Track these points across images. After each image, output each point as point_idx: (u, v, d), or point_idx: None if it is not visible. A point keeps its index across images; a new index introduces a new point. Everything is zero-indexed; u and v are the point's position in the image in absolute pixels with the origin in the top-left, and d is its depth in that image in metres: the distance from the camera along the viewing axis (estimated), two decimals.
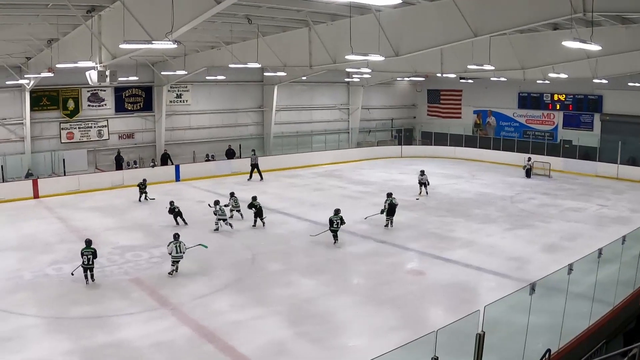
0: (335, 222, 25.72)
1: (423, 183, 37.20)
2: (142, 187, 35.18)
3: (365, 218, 29.47)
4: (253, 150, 45.87)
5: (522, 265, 22.41)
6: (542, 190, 37.77)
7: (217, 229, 28.05)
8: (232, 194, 30.57)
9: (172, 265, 21.97)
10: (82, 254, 20.87)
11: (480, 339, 10.57)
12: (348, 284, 21.40)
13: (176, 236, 22.35)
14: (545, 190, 37.93)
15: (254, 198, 29.41)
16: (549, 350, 12.08)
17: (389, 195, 29.12)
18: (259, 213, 29.12)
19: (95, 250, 21.15)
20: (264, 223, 29.20)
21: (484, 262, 22.73)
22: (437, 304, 19.26)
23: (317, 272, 22.12)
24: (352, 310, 18.42)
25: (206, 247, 23.16)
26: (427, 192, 36.98)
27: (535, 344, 12.33)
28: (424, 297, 19.66)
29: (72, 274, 21.18)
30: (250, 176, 43.46)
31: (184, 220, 29.26)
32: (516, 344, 12.19)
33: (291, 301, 19.23)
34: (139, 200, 34.06)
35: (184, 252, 22.05)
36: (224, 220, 28.19)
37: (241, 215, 30.05)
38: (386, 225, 28.74)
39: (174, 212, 29.22)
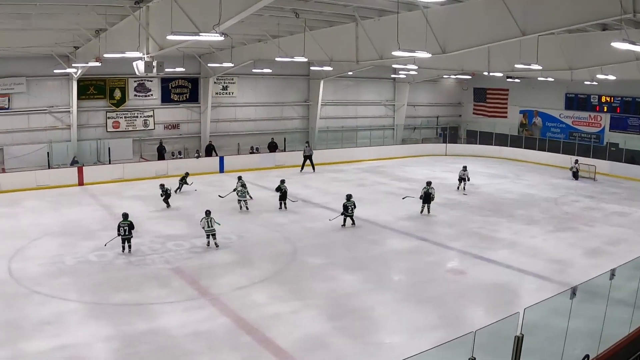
0: (350, 208, 27.75)
1: (463, 179, 37.43)
2: (182, 180, 35.53)
3: (403, 198, 31.74)
4: (307, 142, 46.89)
5: (564, 268, 22.07)
6: (587, 193, 37.24)
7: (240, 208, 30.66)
8: (239, 178, 31.99)
9: (207, 238, 24.33)
10: (119, 227, 22.67)
11: (518, 341, 10.49)
12: (388, 281, 21.34)
13: (207, 212, 24.46)
14: (590, 193, 37.42)
15: (282, 181, 31.45)
16: (587, 356, 11.95)
17: (428, 184, 31.02)
18: (283, 196, 31.23)
19: (132, 222, 23.41)
20: (286, 207, 31.26)
21: (526, 263, 22.44)
22: (477, 304, 19.08)
23: (358, 268, 22.08)
24: (391, 307, 18.36)
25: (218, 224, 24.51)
26: (464, 188, 37.24)
27: (573, 348, 12.19)
28: (463, 296, 19.48)
29: (105, 245, 21.63)
30: (302, 168, 44.33)
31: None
32: (554, 347, 12.05)
33: (330, 295, 19.23)
34: (175, 192, 34.22)
35: (214, 227, 24.22)
36: (244, 200, 30.73)
37: (250, 197, 31.81)
38: (421, 212, 30.51)
39: (166, 194, 30.68)
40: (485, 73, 37.47)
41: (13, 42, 31.79)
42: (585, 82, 43.59)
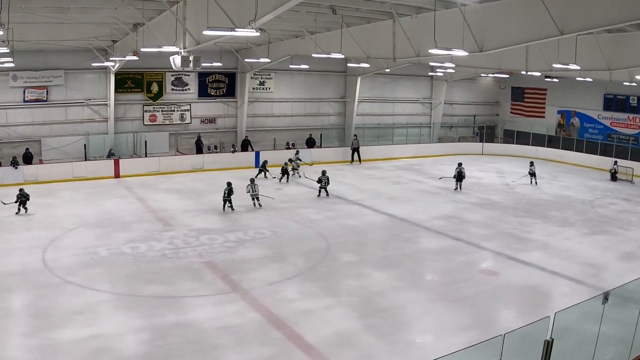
0: (324, 181, 33.50)
1: (533, 173, 38.47)
2: (263, 167, 38.56)
3: (440, 179, 36.35)
4: (355, 135, 47.72)
5: (598, 272, 21.73)
6: (624, 196, 36.69)
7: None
8: (252, 180, 31.85)
9: (252, 200, 30.50)
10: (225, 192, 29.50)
11: (548, 345, 10.38)
12: (420, 280, 21.23)
13: (252, 180, 31.23)
14: (627, 196, 36.89)
15: (323, 172, 33.73)
16: None
17: (460, 164, 35.99)
18: (325, 186, 33.64)
19: (232, 188, 29.50)
20: (327, 193, 33.65)
21: (559, 266, 22.14)
22: (509, 306, 18.91)
23: (390, 266, 21.99)
24: (422, 307, 18.26)
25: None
26: (536, 183, 38.53)
27: (604, 354, 12.07)
28: (495, 298, 19.31)
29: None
30: (352, 159, 46.05)
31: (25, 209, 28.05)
32: (585, 353, 11.90)
33: (361, 293, 19.17)
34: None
35: (257, 191, 30.58)
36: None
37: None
38: (455, 189, 35.70)
39: (22, 198, 27.86)
40: (523, 72, 37.10)
41: (52, 35, 32.12)
42: (624, 83, 42.89)
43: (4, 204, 20.78)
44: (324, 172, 33.78)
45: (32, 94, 38.65)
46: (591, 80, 42.44)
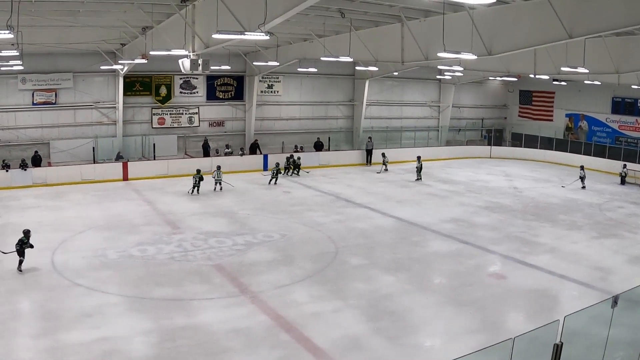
0: (275, 171, 37.55)
1: (582, 177, 38.73)
2: (290, 159, 39.83)
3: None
4: (369, 137, 48.11)
5: (606, 275, 21.64)
6: (632, 200, 36.55)
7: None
8: (218, 167, 35.89)
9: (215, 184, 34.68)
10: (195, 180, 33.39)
11: (557, 349, 10.35)
12: (428, 283, 21.17)
13: (218, 167, 35.31)
14: (635, 199, 36.73)
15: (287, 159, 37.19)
16: None
17: (419, 158, 40.31)
18: (296, 168, 38.25)
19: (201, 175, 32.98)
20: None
21: (568, 270, 22.06)
22: (517, 310, 18.86)
23: (399, 269, 21.94)
24: (430, 310, 18.22)
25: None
26: (584, 187, 38.75)
27: (613, 358, 12.06)
28: (504, 301, 19.26)
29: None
30: (368, 162, 46.83)
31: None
32: (594, 356, 11.89)
33: (370, 296, 19.12)
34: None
35: (221, 177, 34.49)
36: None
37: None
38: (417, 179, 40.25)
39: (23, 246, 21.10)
40: (532, 75, 37.08)
41: (61, 38, 32.31)
42: (633, 86, 42.80)
43: (4, 253, 20.53)
44: (277, 165, 38.01)
45: (41, 97, 38.86)
46: (599, 83, 42.42)
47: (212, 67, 26.11)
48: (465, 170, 46.34)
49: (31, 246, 20.46)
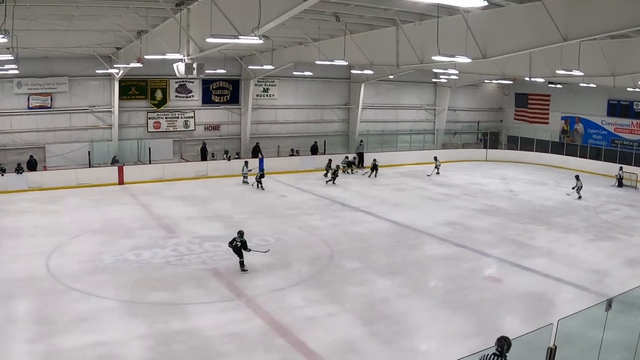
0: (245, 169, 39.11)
1: (577, 187, 37.35)
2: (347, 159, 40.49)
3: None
4: (361, 141, 48.72)
5: (602, 278, 21.65)
6: (628, 202, 36.61)
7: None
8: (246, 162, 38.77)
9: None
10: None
11: (551, 353, 10.37)
12: (424, 287, 21.14)
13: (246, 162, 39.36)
14: (631, 202, 36.80)
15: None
16: None
17: (375, 160, 42.55)
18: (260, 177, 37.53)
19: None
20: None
21: (564, 272, 22.05)
22: (513, 313, 18.86)
23: (394, 273, 21.92)
24: (426, 314, 18.23)
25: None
26: (580, 197, 37.25)
27: None
28: (499, 304, 19.26)
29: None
30: (360, 165, 47.67)
31: None
32: (589, 359, 11.95)
33: (366, 300, 19.13)
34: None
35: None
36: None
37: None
38: (369, 176, 42.20)
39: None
40: (527, 78, 37.12)
41: (56, 42, 32.30)
42: (628, 89, 42.85)
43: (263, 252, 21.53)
44: (247, 163, 39.67)
45: (37, 101, 38.83)
46: (595, 86, 42.43)
47: (207, 71, 26.14)
48: (461, 173, 46.38)
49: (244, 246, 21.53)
